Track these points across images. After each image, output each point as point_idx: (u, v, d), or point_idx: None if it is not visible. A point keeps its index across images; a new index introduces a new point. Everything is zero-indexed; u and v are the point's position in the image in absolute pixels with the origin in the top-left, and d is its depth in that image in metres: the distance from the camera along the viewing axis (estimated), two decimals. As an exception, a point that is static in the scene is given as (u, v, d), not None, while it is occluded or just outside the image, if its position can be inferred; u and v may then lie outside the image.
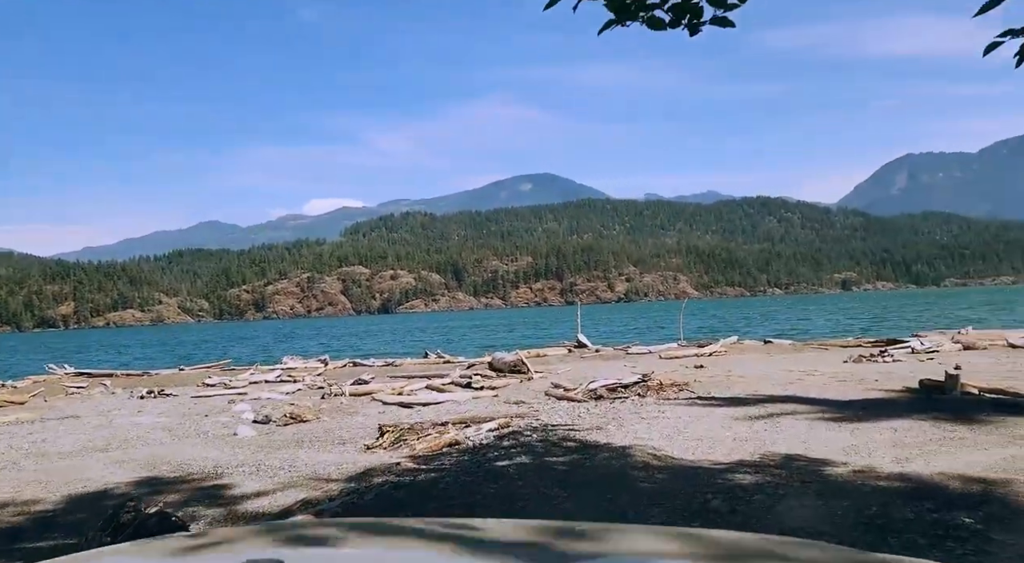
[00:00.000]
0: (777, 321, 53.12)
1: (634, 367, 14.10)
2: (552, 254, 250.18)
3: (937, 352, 14.99)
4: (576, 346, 20.18)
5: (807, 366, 13.13)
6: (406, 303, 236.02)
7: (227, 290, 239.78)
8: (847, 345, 18.34)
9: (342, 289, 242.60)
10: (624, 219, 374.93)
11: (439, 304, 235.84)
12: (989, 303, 76.38)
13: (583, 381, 11.44)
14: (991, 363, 12.55)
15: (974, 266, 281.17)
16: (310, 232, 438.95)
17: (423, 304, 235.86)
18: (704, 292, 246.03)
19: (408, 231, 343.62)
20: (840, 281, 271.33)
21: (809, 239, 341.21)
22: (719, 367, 13.59)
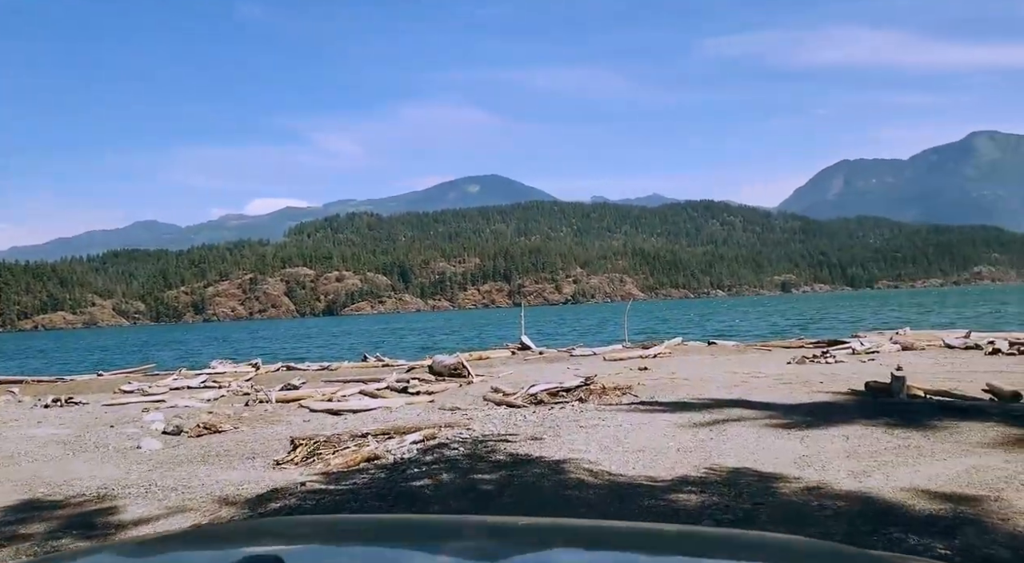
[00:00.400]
0: (720, 322, 53.67)
1: (577, 370, 13.78)
2: (500, 256, 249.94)
3: (877, 353, 15.08)
4: (520, 348, 19.76)
5: (751, 368, 12.92)
6: (352, 305, 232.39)
7: (164, 292, 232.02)
8: (790, 346, 18.32)
9: (286, 291, 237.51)
10: (571, 221, 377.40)
11: (385, 306, 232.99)
12: (919, 305, 79.05)
13: (524, 385, 11.02)
14: (931, 364, 12.55)
15: (905, 269, 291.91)
16: (253, 232, 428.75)
17: (369, 306, 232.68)
18: (649, 294, 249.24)
19: (354, 232, 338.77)
20: (780, 283, 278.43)
21: (751, 242, 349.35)
22: (663, 369, 13.27)
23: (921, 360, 13.07)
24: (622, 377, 12.15)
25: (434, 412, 9.02)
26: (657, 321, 58.47)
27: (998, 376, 9.81)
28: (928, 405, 7.22)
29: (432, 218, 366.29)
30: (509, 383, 12.31)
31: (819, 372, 11.77)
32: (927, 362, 12.85)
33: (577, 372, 13.33)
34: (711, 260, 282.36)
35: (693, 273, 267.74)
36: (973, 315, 48.44)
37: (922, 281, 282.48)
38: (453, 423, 7.32)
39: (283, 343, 46.17)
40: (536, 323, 69.04)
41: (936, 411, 6.78)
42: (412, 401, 11.21)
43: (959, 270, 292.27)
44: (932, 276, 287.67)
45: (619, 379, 11.64)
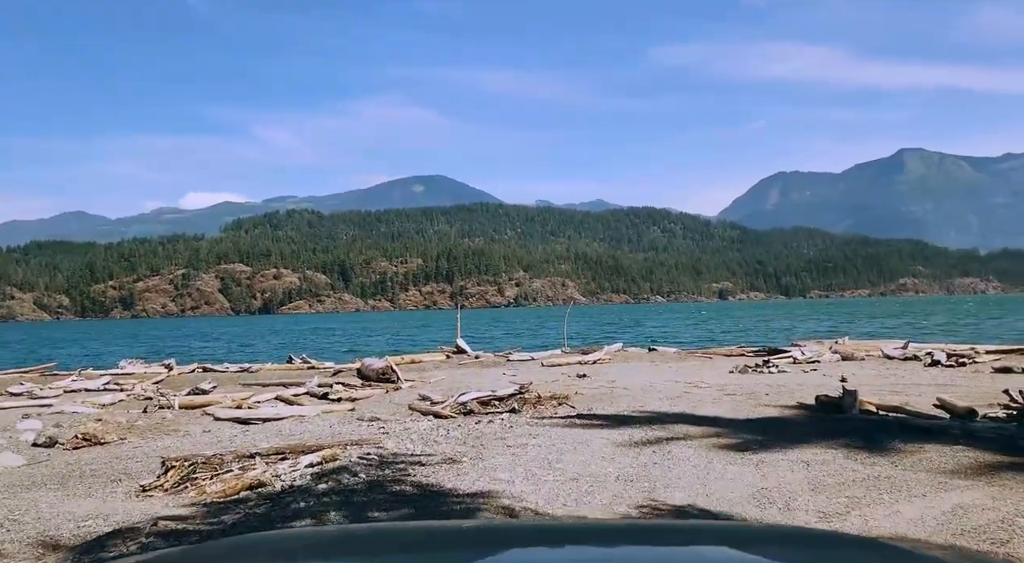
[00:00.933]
0: (660, 328, 53.72)
1: (514, 376, 13.18)
2: (443, 257, 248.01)
3: (818, 362, 14.92)
4: (455, 352, 18.99)
5: (694, 376, 12.56)
6: (289, 304, 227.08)
7: (91, 286, 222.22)
8: (730, 354, 18.03)
9: (220, 288, 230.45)
10: (515, 224, 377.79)
11: (324, 305, 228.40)
12: (850, 314, 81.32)
13: (456, 392, 10.24)
14: (873, 375, 12.30)
15: (836, 279, 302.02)
16: (188, 227, 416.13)
17: (307, 305, 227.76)
18: (591, 298, 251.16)
19: (294, 229, 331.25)
20: (718, 290, 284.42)
21: (690, 249, 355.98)
22: (602, 377, 12.79)
23: (863, 371, 12.84)
24: (559, 385, 11.48)
25: (350, 423, 8.07)
26: (598, 326, 58.24)
27: (944, 390, 9.44)
28: (885, 423, 6.67)
29: (375, 217, 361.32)
30: (440, 390, 11.57)
31: (764, 383, 11.39)
32: (869, 373, 12.61)
33: (513, 379, 12.66)
34: (652, 266, 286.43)
35: (634, 279, 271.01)
36: (896, 324, 49.77)
37: (851, 291, 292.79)
38: (364, 440, 6.38)
39: (208, 342, 43.97)
40: (476, 326, 68.07)
41: (896, 431, 6.21)
42: (330, 409, 10.22)
43: (886, 281, 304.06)
44: (861, 286, 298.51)
45: (556, 387, 10.98)
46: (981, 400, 8.26)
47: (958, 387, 9.88)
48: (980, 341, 25.48)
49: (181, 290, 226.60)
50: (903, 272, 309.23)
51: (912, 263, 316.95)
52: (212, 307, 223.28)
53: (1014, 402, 6.76)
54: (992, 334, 35.53)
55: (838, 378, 11.55)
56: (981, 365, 13.36)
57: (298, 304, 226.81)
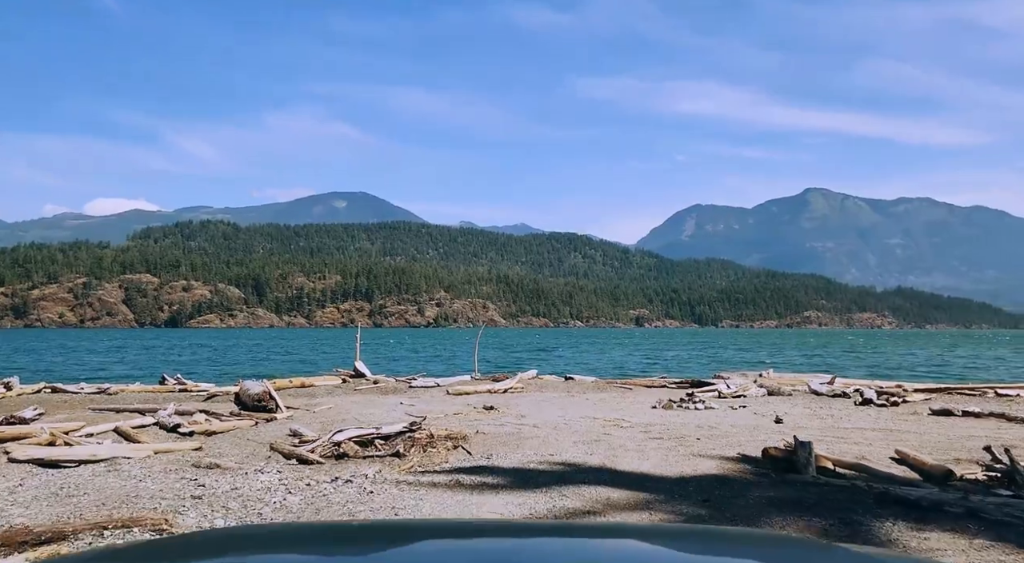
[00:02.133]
0: (578, 354, 52.84)
1: (412, 406, 11.93)
2: (363, 274, 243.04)
3: (744, 397, 14.05)
4: (353, 375, 17.39)
5: (613, 411, 11.37)
6: (199, 317, 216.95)
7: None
8: (651, 385, 17.03)
9: (124, 298, 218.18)
10: (438, 244, 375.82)
11: (236, 320, 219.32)
12: (758, 344, 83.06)
13: (337, 425, 8.68)
14: (807, 414, 11.37)
15: (746, 310, 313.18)
16: (92, 234, 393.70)
17: (218, 319, 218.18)
18: (511, 321, 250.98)
19: (207, 240, 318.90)
20: (634, 317, 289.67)
21: (609, 276, 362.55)
22: (512, 409, 11.52)
23: (794, 409, 11.96)
24: (461, 420, 10.21)
25: (173, 473, 6.18)
26: (512, 352, 56.96)
27: (895, 438, 8.32)
28: (856, 491, 5.28)
29: (294, 231, 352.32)
30: (321, 422, 9.91)
31: (692, 423, 10.18)
32: (802, 412, 11.75)
33: (411, 409, 11.32)
34: (572, 291, 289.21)
35: (554, 303, 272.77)
36: (808, 355, 50.59)
37: (760, 322, 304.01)
38: (141, 519, 4.42)
39: (84, 355, 40.05)
40: (387, 346, 65.69)
41: (875, 505, 4.84)
42: (170, 449, 8.25)
43: (792, 313, 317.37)
44: (769, 318, 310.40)
45: (457, 423, 9.69)
46: (941, 453, 7.17)
47: (906, 434, 8.85)
48: (890, 375, 25.31)
49: (81, 300, 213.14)
50: (808, 305, 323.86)
51: (816, 297, 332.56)
52: (114, 318, 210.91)
53: (997, 462, 5.54)
54: (896, 365, 36.12)
55: (771, 417, 10.77)
56: (915, 405, 12.63)
57: (208, 318, 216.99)
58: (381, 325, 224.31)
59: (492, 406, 11.81)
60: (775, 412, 11.40)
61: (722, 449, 7.68)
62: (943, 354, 52.61)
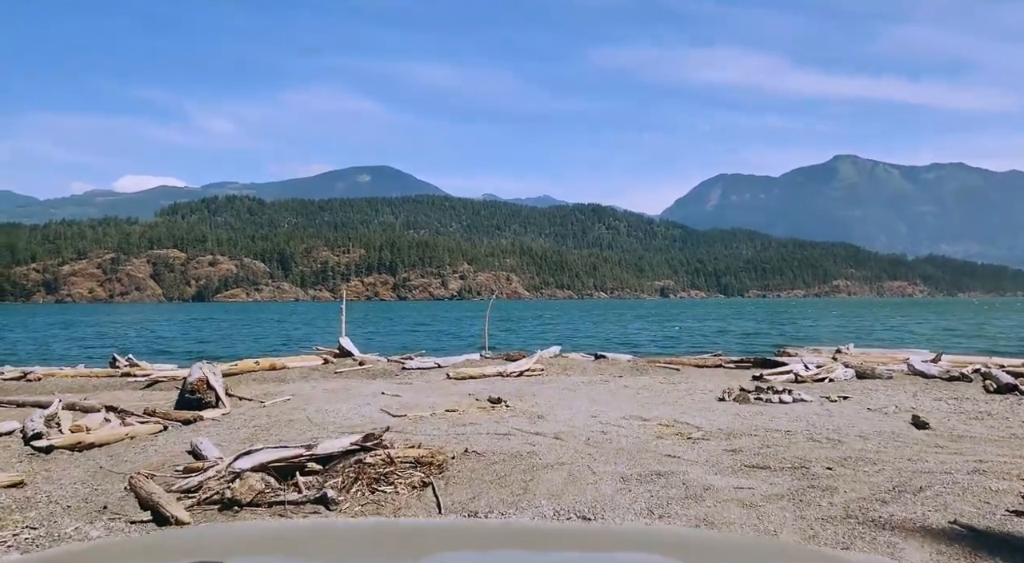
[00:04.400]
0: (608, 327, 52.40)
1: (397, 396, 9.85)
2: (386, 248, 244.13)
3: (831, 381, 11.11)
4: (338, 355, 15.10)
5: (668, 407, 8.80)
6: (225, 291, 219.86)
7: (12, 268, 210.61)
8: (704, 364, 14.32)
9: (152, 273, 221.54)
10: (461, 217, 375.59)
11: (262, 294, 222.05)
12: (786, 313, 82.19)
13: (270, 434, 7.09)
14: (947, 411, 8.40)
15: (773, 280, 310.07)
16: (122, 210, 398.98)
17: (244, 293, 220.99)
18: (535, 293, 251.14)
19: (233, 215, 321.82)
20: (659, 288, 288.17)
21: (634, 247, 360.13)
22: (526, 403, 9.11)
23: (920, 402, 9.00)
24: (450, 424, 7.53)
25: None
26: (536, 324, 56.45)
27: None
28: None
29: (318, 206, 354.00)
30: (256, 426, 7.62)
31: (796, 429, 7.20)
32: (932, 405, 8.80)
33: (393, 402, 9.20)
34: (596, 263, 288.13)
35: (578, 274, 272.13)
36: (856, 325, 49.80)
37: (787, 292, 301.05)
38: None
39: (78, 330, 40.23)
40: (404, 319, 65.30)
41: None
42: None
43: (820, 283, 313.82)
44: (796, 288, 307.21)
45: (442, 429, 7.23)
46: None
47: None
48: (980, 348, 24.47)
49: (110, 275, 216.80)
50: (836, 274, 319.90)
51: (845, 266, 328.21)
52: (143, 293, 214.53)
53: None
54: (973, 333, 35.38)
55: (900, 416, 8.01)
56: None
57: (234, 292, 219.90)
58: (405, 298, 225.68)
59: (499, 399, 9.21)
60: (896, 406, 8.58)
61: (896, 504, 4.54)
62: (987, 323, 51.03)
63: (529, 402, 9.28)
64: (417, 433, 6.96)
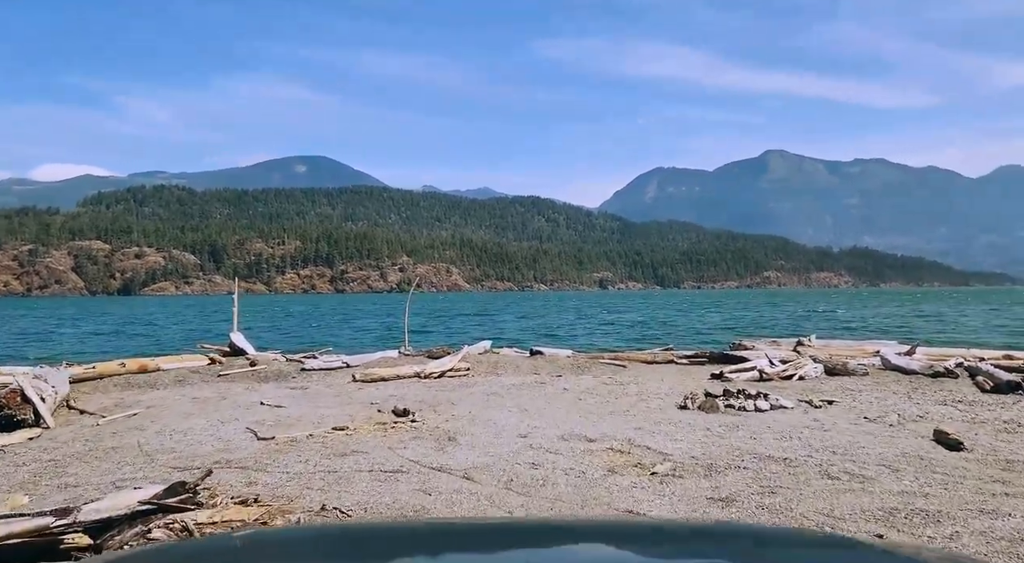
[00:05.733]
0: (546, 319, 51.75)
1: (279, 407, 8.10)
2: (323, 239, 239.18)
3: (802, 379, 9.86)
4: (228, 352, 13.38)
5: (619, 419, 7.20)
6: (153, 285, 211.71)
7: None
8: (654, 360, 12.87)
9: (73, 266, 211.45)
10: (400, 209, 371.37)
11: (192, 287, 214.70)
12: (718, 304, 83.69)
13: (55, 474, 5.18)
14: (968, 421, 6.94)
15: (707, 272, 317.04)
16: (41, 199, 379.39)
17: (173, 286, 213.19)
18: (475, 285, 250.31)
19: (161, 206, 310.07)
20: (598, 280, 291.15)
21: (573, 239, 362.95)
22: (440, 415, 7.52)
23: (924, 408, 7.63)
24: (331, 449, 5.83)
25: None
26: (474, 317, 55.51)
27: None
28: None
29: (252, 196, 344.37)
30: (73, 452, 5.87)
31: (795, 456, 5.42)
32: (940, 411, 7.47)
33: (269, 417, 7.44)
34: (536, 255, 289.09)
35: (518, 266, 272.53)
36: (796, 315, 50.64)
37: (721, 283, 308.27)
38: None
39: None
40: (333, 312, 63.45)
41: None
42: None
43: (752, 274, 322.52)
44: (730, 279, 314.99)
45: (311, 462, 5.38)
46: None
47: None
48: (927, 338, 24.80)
49: (27, 268, 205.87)
50: (767, 266, 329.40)
51: (775, 258, 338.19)
52: (63, 286, 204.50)
53: None
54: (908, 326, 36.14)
55: (917, 431, 6.47)
56: None
57: (163, 285, 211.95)
58: (343, 291, 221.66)
59: (406, 410, 7.49)
60: (898, 414, 7.22)
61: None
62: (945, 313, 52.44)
63: (444, 414, 7.57)
64: (273, 469, 5.14)
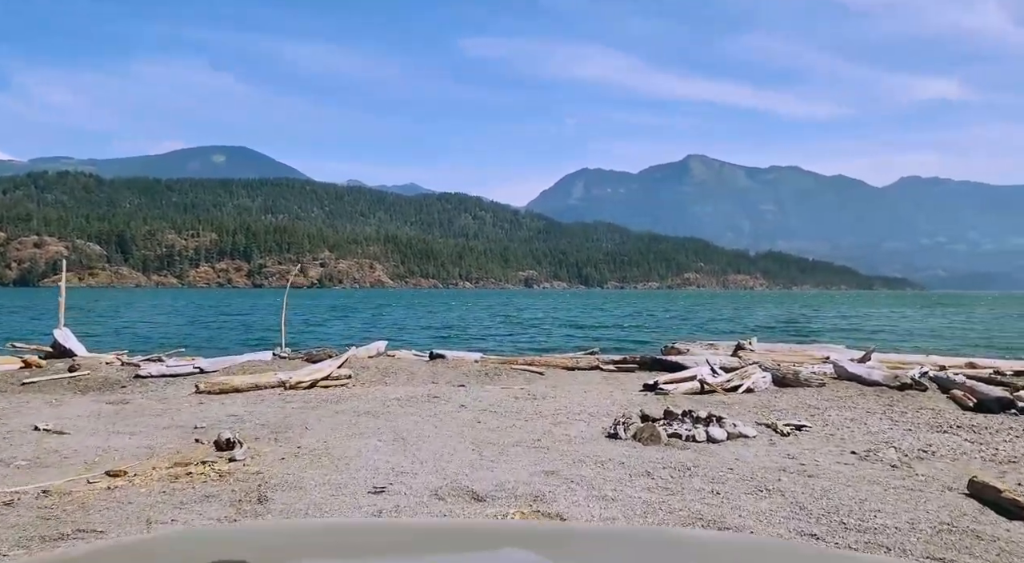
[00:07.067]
0: (463, 316, 50.51)
1: (60, 434, 6.28)
2: (241, 232, 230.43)
3: (751, 391, 8.60)
4: (51, 354, 11.44)
5: (514, 451, 5.64)
6: (53, 275, 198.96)
7: None
8: (575, 366, 11.26)
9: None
10: (324, 203, 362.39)
11: (98, 279, 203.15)
12: (637, 303, 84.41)
13: None
14: (979, 455, 5.63)
15: (630, 272, 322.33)
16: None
17: (77, 278, 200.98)
18: (399, 282, 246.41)
19: (65, 193, 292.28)
20: (523, 278, 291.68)
21: (499, 238, 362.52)
22: (277, 449, 5.67)
23: (921, 435, 6.36)
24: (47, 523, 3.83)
25: None
26: (387, 313, 53.66)
27: None
28: None
29: (165, 185, 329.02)
30: None
31: (782, 526, 3.83)
32: (941, 440, 6.18)
33: (9, 457, 5.42)
34: (462, 252, 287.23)
35: (444, 263, 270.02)
36: (720, 318, 50.90)
37: (643, 283, 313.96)
38: None
39: None
40: (233, 306, 60.38)
41: None
42: None
43: (673, 275, 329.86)
44: (652, 280, 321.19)
45: None
46: None
47: None
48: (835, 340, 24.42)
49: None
50: (688, 267, 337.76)
51: (695, 260, 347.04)
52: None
53: None
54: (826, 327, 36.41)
55: (912, 464, 5.29)
56: None
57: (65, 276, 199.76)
58: (261, 286, 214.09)
59: (232, 442, 5.61)
60: (895, 446, 5.78)
61: None
62: (850, 315, 53.69)
63: (286, 445, 5.68)
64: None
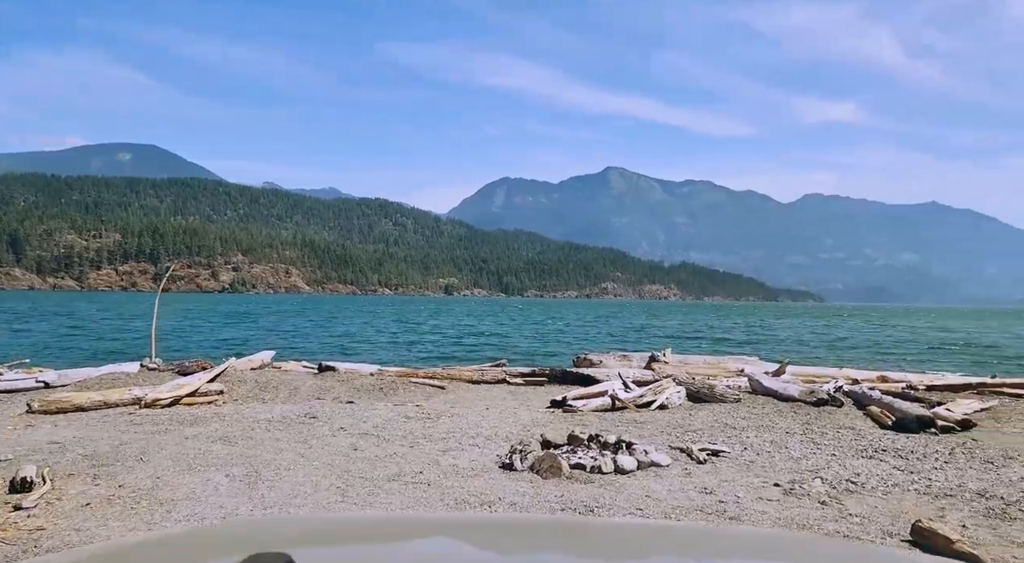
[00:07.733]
0: (371, 324, 49.79)
1: None
2: (147, 233, 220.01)
3: (666, 407, 8.20)
4: None
5: (389, 485, 4.93)
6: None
7: None
8: (481, 379, 10.65)
9: None
10: (237, 205, 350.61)
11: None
12: (555, 311, 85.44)
13: None
14: (912, 488, 5.02)
15: (549, 281, 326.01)
16: None
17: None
18: (316, 287, 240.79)
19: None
20: (444, 286, 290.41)
21: (420, 244, 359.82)
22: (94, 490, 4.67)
23: (846, 461, 5.80)
24: None
25: None
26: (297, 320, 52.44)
27: None
28: None
29: (65, 183, 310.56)
30: None
31: None
32: (867, 466, 5.66)
33: None
34: (381, 258, 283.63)
35: (362, 269, 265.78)
36: (629, 327, 51.78)
37: (562, 292, 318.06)
38: None
39: None
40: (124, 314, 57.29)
41: None
42: None
43: (591, 284, 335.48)
44: (570, 288, 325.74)
45: None
46: None
47: None
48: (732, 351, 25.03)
49: None
50: (605, 277, 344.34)
51: (613, 270, 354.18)
52: None
53: None
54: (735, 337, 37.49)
55: (842, 500, 4.77)
56: (1001, 426, 7.42)
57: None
58: (168, 290, 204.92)
59: (29, 479, 4.69)
60: (819, 474, 5.35)
61: None
62: (758, 324, 55.40)
63: (102, 486, 4.64)
64: None
